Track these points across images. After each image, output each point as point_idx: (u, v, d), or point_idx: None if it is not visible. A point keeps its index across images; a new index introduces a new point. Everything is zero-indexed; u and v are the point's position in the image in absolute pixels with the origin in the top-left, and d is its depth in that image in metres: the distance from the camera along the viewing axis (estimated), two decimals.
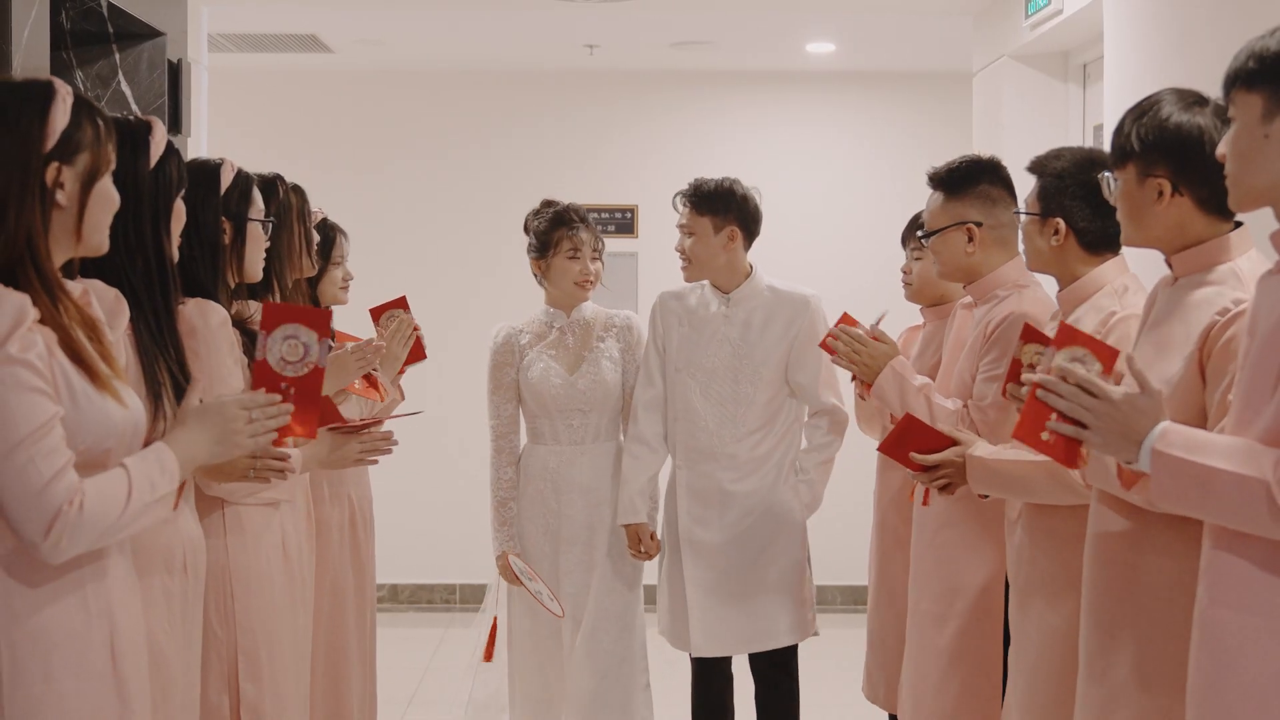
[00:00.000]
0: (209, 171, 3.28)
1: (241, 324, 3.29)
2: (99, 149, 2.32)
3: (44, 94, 2.27)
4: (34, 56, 3.98)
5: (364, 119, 8.41)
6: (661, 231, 7.71)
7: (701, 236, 4.50)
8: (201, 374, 2.89)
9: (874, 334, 3.83)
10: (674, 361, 4.56)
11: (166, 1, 5.16)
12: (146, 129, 2.82)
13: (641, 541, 4.57)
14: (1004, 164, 3.84)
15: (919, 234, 3.98)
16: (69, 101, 2.28)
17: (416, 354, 4.45)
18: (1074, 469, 2.55)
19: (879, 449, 3.63)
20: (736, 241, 4.50)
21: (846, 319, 3.88)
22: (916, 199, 4.17)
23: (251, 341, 3.26)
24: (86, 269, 2.47)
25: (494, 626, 4.71)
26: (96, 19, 4.84)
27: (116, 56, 4.99)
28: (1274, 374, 2.20)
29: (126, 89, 5.00)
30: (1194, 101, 2.71)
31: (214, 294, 3.15)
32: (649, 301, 4.82)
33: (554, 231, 4.61)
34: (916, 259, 4.25)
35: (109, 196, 2.35)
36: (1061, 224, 3.19)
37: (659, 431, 4.58)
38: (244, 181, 3.35)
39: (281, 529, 3.36)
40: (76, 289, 2.36)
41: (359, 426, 3.57)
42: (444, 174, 8.42)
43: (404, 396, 4.57)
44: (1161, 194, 2.69)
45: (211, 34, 6.83)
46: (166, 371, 2.71)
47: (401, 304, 4.44)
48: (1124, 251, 3.16)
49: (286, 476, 2.99)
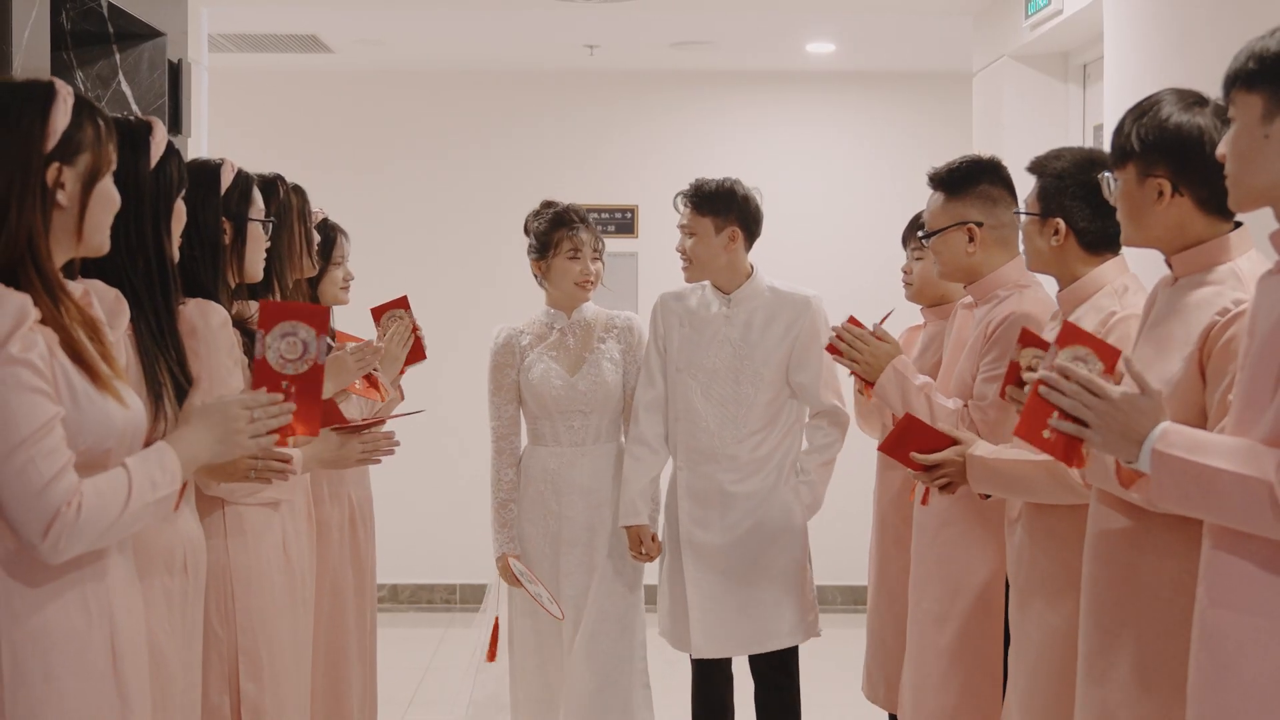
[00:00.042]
0: (209, 172, 3.28)
1: (242, 324, 3.29)
2: (100, 149, 2.32)
3: (45, 94, 2.27)
4: (34, 57, 3.97)
5: (364, 119, 8.41)
6: (662, 232, 7.72)
7: (702, 237, 4.49)
8: (202, 374, 2.89)
9: (877, 333, 3.83)
10: (675, 362, 4.55)
11: (167, 2, 5.16)
12: (147, 129, 2.82)
13: (643, 543, 4.56)
14: (1004, 164, 3.84)
15: (920, 234, 3.98)
16: (70, 102, 2.28)
17: (417, 354, 4.45)
18: (1074, 467, 2.55)
19: (879, 448, 3.63)
20: (737, 242, 4.49)
21: (853, 322, 3.88)
22: (916, 199, 4.17)
23: (252, 341, 3.26)
24: (87, 269, 2.47)
25: (496, 626, 4.71)
26: (97, 19, 4.84)
27: (117, 57, 4.99)
28: (1274, 374, 2.20)
29: (127, 89, 5.00)
30: (1194, 102, 2.72)
31: (214, 294, 3.15)
32: (649, 302, 4.81)
33: (554, 232, 4.60)
34: (917, 259, 4.25)
35: (110, 197, 2.35)
36: (1061, 224, 3.19)
37: (660, 433, 4.57)
38: (244, 181, 3.35)
39: (282, 529, 3.36)
40: (77, 289, 2.36)
41: (361, 426, 3.58)
42: (444, 174, 8.42)
43: (404, 396, 4.57)
44: (1161, 194, 2.70)
45: (212, 34, 6.83)
46: (167, 372, 2.71)
47: (402, 304, 4.44)
48: (1124, 251, 3.16)
49: (287, 477, 2.99)
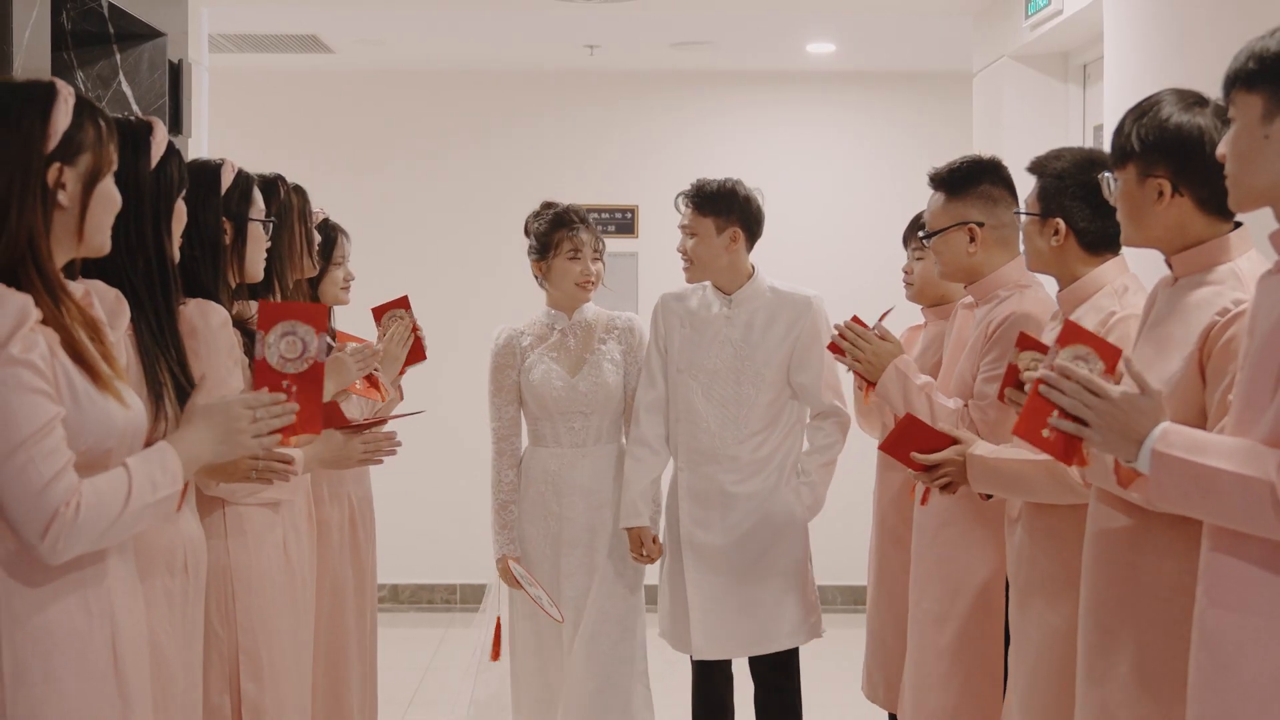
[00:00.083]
0: (210, 172, 3.28)
1: (242, 324, 3.29)
2: (101, 150, 2.32)
3: (46, 95, 2.27)
4: (35, 57, 3.97)
5: (364, 119, 8.41)
6: (662, 232, 7.72)
7: (704, 237, 4.48)
8: (205, 373, 2.89)
9: (879, 332, 3.83)
10: (676, 363, 4.54)
11: (167, 2, 5.16)
12: (147, 129, 2.82)
13: (644, 545, 4.54)
14: (1005, 164, 3.84)
15: (920, 234, 3.98)
16: (71, 102, 2.28)
17: (417, 354, 4.45)
18: (1072, 466, 2.55)
19: (880, 448, 3.63)
20: (739, 243, 4.48)
21: (856, 321, 3.88)
22: (917, 199, 4.17)
23: (252, 342, 3.26)
24: (87, 269, 2.47)
25: (498, 625, 4.70)
26: (97, 19, 4.84)
27: (117, 57, 4.99)
28: (1274, 374, 2.20)
29: (127, 89, 4.99)
30: (1194, 102, 2.72)
31: (215, 294, 3.15)
32: (649, 302, 4.81)
33: (554, 233, 4.60)
34: (918, 259, 4.25)
35: (111, 197, 2.35)
36: (1061, 224, 3.19)
37: (661, 434, 4.56)
38: (244, 182, 3.35)
39: (282, 529, 3.36)
40: (78, 289, 2.36)
41: (362, 426, 3.58)
42: (444, 174, 8.42)
43: (403, 396, 4.57)
44: (1161, 194, 2.70)
45: (212, 34, 6.83)
46: (168, 372, 2.71)
47: (403, 304, 4.44)
48: (1124, 251, 3.16)
49: (288, 478, 2.99)
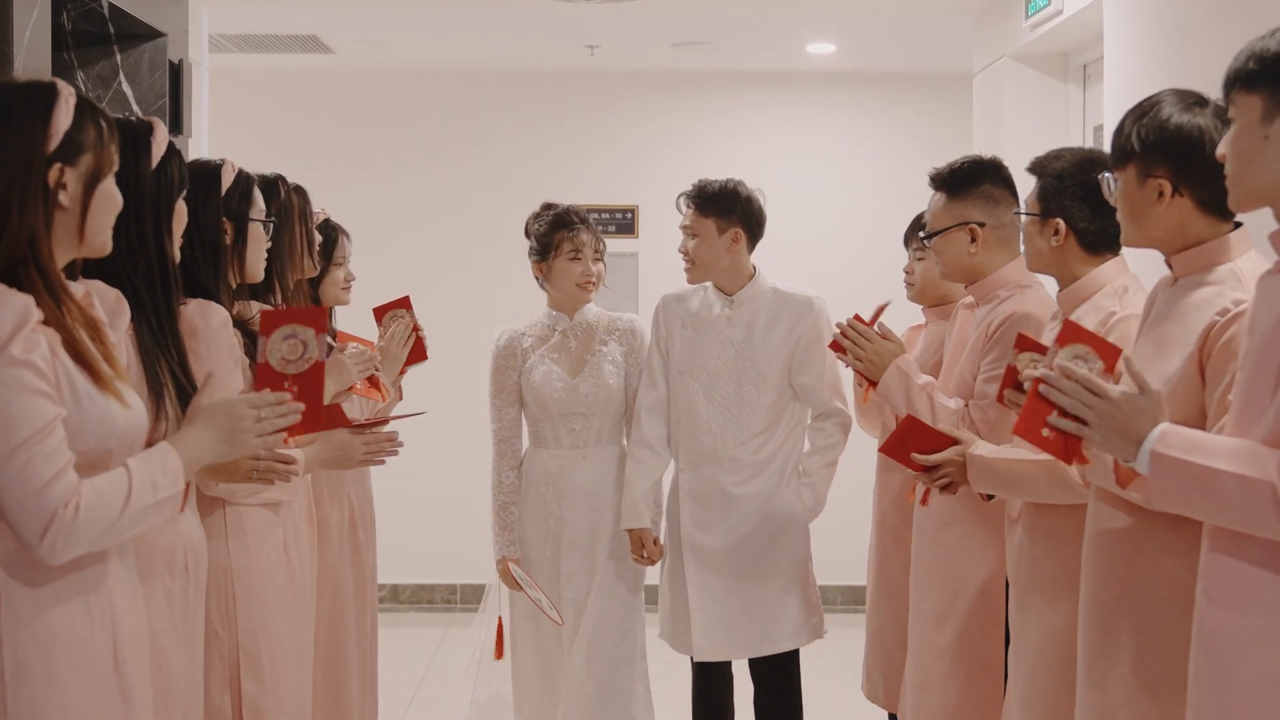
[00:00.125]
0: (210, 172, 3.28)
1: (243, 325, 3.30)
2: (102, 150, 2.32)
3: (47, 95, 2.27)
4: (35, 57, 3.97)
5: (364, 119, 8.41)
6: (662, 232, 7.72)
7: (705, 238, 4.47)
8: (204, 374, 2.89)
9: (880, 331, 3.83)
10: (677, 364, 4.52)
11: (167, 2, 5.15)
12: (148, 130, 2.82)
13: (644, 547, 4.53)
14: (1005, 164, 3.84)
15: (921, 234, 3.98)
16: (72, 103, 2.28)
17: (418, 354, 4.45)
18: (1071, 465, 2.55)
19: (880, 449, 3.63)
20: (740, 243, 4.47)
21: (858, 320, 3.87)
22: (917, 199, 4.16)
23: (253, 342, 3.26)
24: (88, 269, 2.47)
25: (500, 624, 4.69)
26: (98, 20, 4.83)
27: (118, 57, 4.99)
28: (1274, 374, 2.20)
29: (128, 90, 4.99)
30: (1194, 102, 2.72)
31: (215, 295, 3.15)
32: (649, 302, 4.80)
33: (555, 233, 4.59)
34: (919, 259, 4.25)
35: (111, 197, 2.35)
36: (1061, 224, 3.20)
37: (662, 435, 4.55)
38: (245, 182, 3.35)
39: (283, 530, 3.36)
40: (79, 290, 2.36)
41: (364, 425, 3.58)
42: (444, 174, 8.42)
43: (403, 396, 4.57)
44: (1162, 194, 2.70)
45: (212, 35, 6.84)
46: (168, 372, 2.71)
47: (404, 304, 4.45)
48: (1124, 251, 3.16)
49: (289, 478, 2.99)
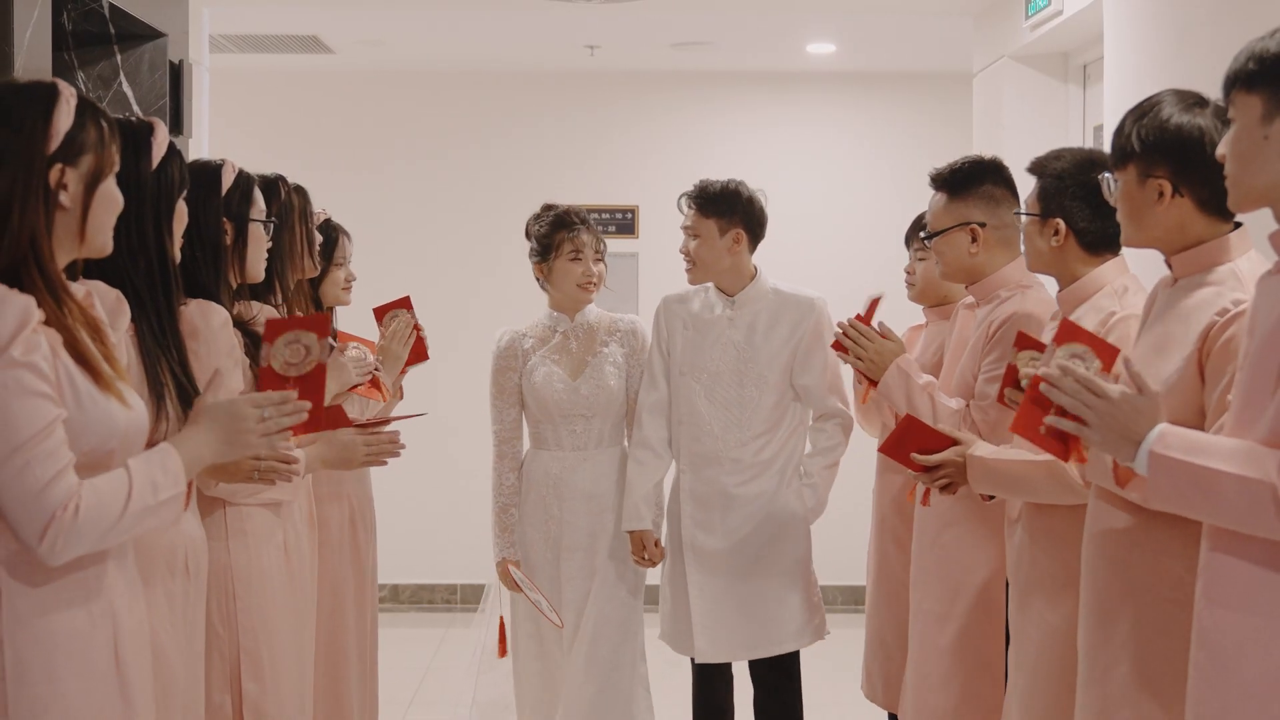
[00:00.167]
0: (210, 172, 3.28)
1: (243, 325, 3.30)
2: (103, 150, 2.32)
3: (48, 96, 2.27)
4: (36, 58, 3.97)
5: (364, 119, 8.42)
6: (662, 232, 7.72)
7: (707, 239, 4.46)
8: (206, 374, 2.89)
9: (881, 331, 3.83)
10: (678, 365, 4.51)
11: (168, 2, 5.15)
12: (148, 130, 2.82)
13: (645, 548, 4.52)
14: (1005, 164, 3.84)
15: (922, 234, 3.98)
16: (73, 103, 2.29)
17: (419, 354, 4.45)
18: (1069, 461, 2.55)
19: (879, 450, 3.63)
20: (742, 244, 4.46)
21: (859, 320, 3.87)
22: (917, 199, 4.17)
23: (253, 343, 3.27)
24: (88, 270, 2.47)
25: (502, 623, 4.69)
26: (98, 20, 4.83)
27: (118, 57, 4.99)
28: (1274, 374, 2.20)
29: (128, 90, 4.99)
30: (1194, 102, 2.72)
31: (216, 295, 3.15)
32: (649, 302, 4.80)
33: (555, 234, 4.58)
34: (920, 259, 4.24)
35: (112, 198, 2.35)
36: (1061, 224, 3.20)
37: (664, 436, 4.54)
38: (245, 182, 3.35)
39: (283, 530, 3.36)
40: (79, 290, 2.36)
41: (366, 425, 3.58)
42: (444, 174, 8.42)
43: (403, 396, 4.57)
44: (1162, 195, 2.70)
45: (213, 35, 6.83)
46: (169, 372, 2.72)
47: (405, 304, 4.45)
48: (1124, 252, 3.17)
49: (291, 479, 2.99)
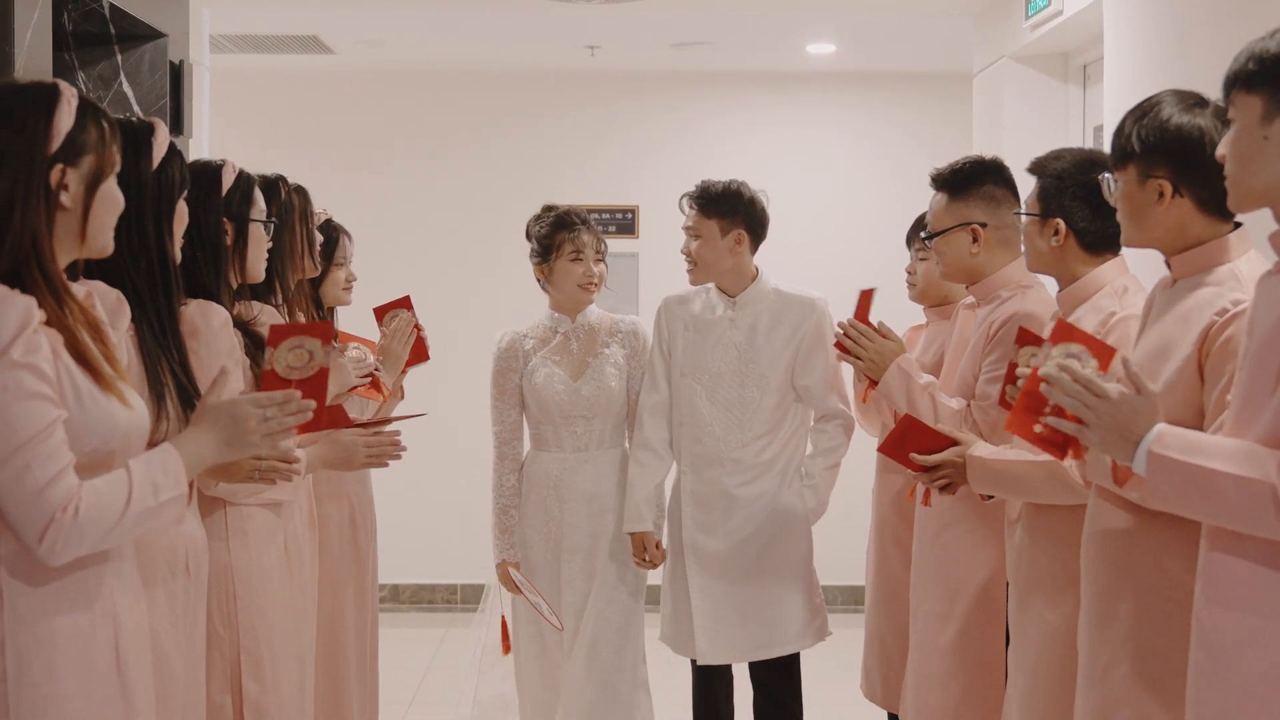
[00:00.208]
0: (211, 172, 3.28)
1: (244, 325, 3.30)
2: (104, 151, 2.32)
3: (49, 96, 2.27)
4: (36, 58, 3.97)
5: (364, 119, 8.42)
6: (663, 232, 7.72)
7: (708, 239, 4.45)
8: (206, 374, 2.89)
9: (882, 330, 3.83)
10: (679, 366, 4.50)
11: (168, 3, 5.15)
12: (149, 130, 2.83)
13: (646, 550, 4.51)
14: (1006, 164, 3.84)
15: (922, 235, 3.98)
16: (74, 104, 2.29)
17: (419, 354, 4.45)
18: (1065, 459, 2.55)
19: (879, 449, 3.64)
20: (743, 244, 4.45)
21: (860, 320, 3.87)
22: (917, 199, 4.17)
23: (254, 343, 3.27)
24: (89, 270, 2.48)
25: (504, 622, 4.68)
26: (98, 20, 4.83)
27: (118, 58, 4.99)
28: (1273, 374, 2.20)
29: (128, 90, 4.99)
30: (1194, 103, 2.72)
31: (216, 295, 3.15)
32: (650, 302, 4.80)
33: (556, 235, 4.58)
34: (921, 259, 4.24)
35: (113, 198, 2.35)
36: (1061, 225, 3.20)
37: (665, 438, 4.53)
38: (245, 182, 3.36)
39: (284, 530, 3.36)
40: (80, 290, 2.36)
41: (367, 425, 3.59)
42: (444, 174, 8.42)
43: (404, 396, 4.58)
44: (1162, 195, 2.70)
45: (213, 35, 6.84)
46: (169, 373, 2.72)
47: (405, 304, 4.45)
48: (1124, 252, 3.17)
49: (292, 479, 2.99)
